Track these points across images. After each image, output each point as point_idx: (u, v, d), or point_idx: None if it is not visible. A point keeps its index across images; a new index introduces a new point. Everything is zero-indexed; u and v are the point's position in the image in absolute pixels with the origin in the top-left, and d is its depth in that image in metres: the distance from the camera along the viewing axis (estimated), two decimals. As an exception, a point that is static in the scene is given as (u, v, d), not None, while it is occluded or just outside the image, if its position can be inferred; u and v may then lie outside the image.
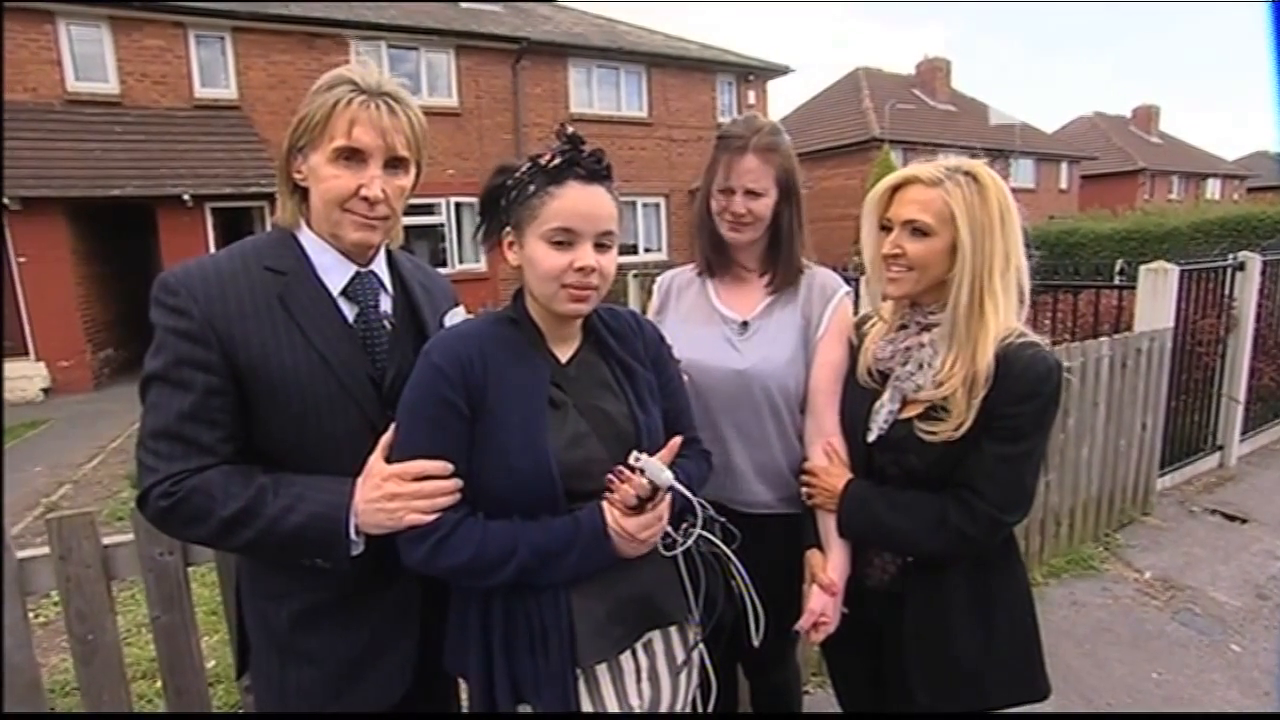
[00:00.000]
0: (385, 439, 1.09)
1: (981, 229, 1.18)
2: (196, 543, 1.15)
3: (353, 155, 1.08)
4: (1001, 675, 1.29)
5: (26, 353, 8.52)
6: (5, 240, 8.13)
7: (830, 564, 1.36)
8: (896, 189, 1.27)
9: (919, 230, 1.21)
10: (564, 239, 1.05)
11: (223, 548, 1.12)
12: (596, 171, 1.08)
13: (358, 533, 1.05)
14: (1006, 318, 1.20)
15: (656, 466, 1.03)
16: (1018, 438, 1.18)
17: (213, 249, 8.99)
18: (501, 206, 1.11)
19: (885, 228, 1.28)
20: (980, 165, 1.23)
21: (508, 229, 1.11)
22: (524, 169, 1.08)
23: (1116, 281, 4.48)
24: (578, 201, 1.06)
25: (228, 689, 2.36)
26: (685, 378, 1.40)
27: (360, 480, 1.06)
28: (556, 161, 1.06)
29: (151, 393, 1.05)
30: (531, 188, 1.07)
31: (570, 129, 1.09)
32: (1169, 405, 3.99)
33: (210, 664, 1.98)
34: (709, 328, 1.52)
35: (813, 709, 2.28)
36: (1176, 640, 2.75)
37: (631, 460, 1.03)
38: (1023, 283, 1.23)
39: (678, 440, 1.10)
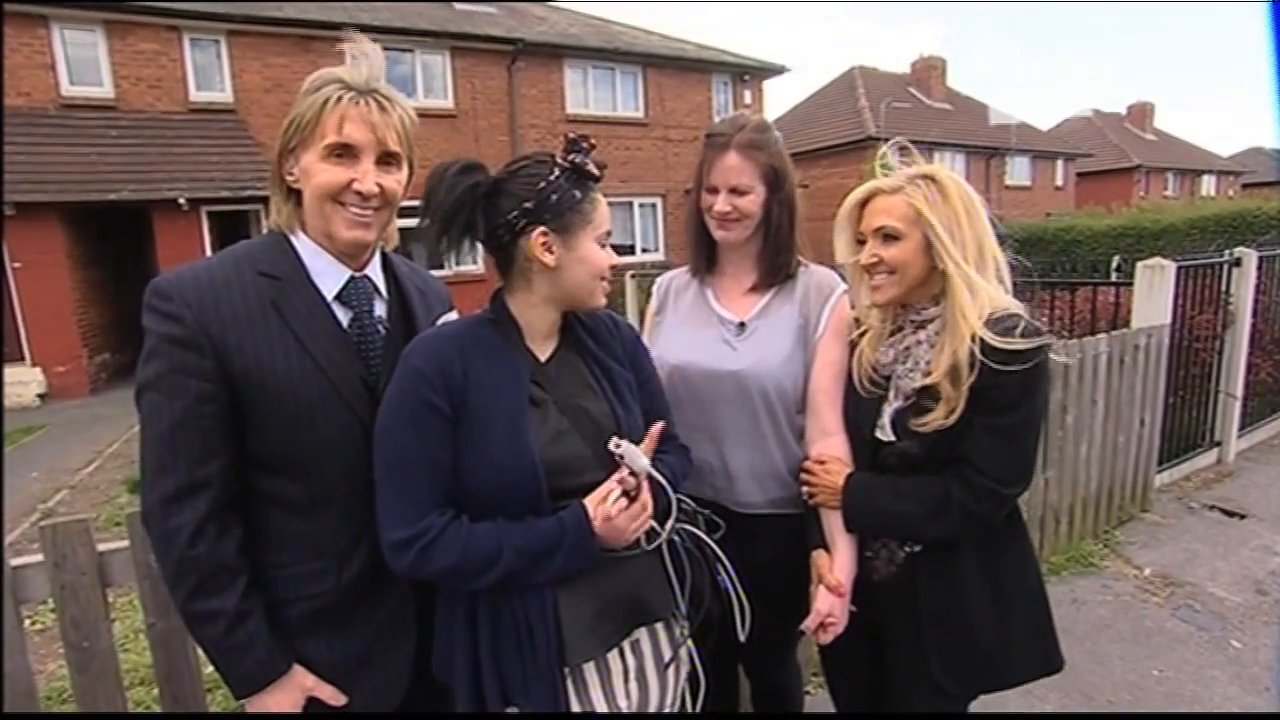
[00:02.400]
0: (312, 688, 1.13)
1: (948, 223, 1.23)
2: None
3: (345, 151, 1.08)
4: (1018, 652, 1.31)
5: (23, 358, 8.50)
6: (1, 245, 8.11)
7: (836, 564, 1.35)
8: (864, 203, 1.33)
9: (889, 235, 1.27)
10: (606, 241, 1.14)
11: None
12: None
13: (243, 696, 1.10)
14: (992, 300, 1.23)
15: (635, 452, 1.05)
16: (1007, 408, 1.20)
17: (209, 252, 8.97)
18: (526, 208, 1.07)
19: (861, 241, 1.33)
20: (938, 168, 1.29)
21: (542, 230, 1.08)
22: (558, 173, 1.09)
23: (1113, 278, 4.49)
24: (606, 206, 1.15)
25: (226, 695, 2.35)
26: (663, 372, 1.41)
27: (283, 687, 1.10)
28: (595, 171, 1.12)
29: (146, 402, 1.05)
30: (577, 193, 1.10)
31: (590, 142, 1.13)
32: (1167, 402, 3.99)
33: (208, 670, 1.97)
34: (706, 329, 1.51)
35: (814, 709, 2.28)
36: (1176, 637, 2.75)
37: (611, 446, 1.04)
38: (1002, 270, 1.28)
39: (659, 426, 1.12)
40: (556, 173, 1.09)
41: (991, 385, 1.18)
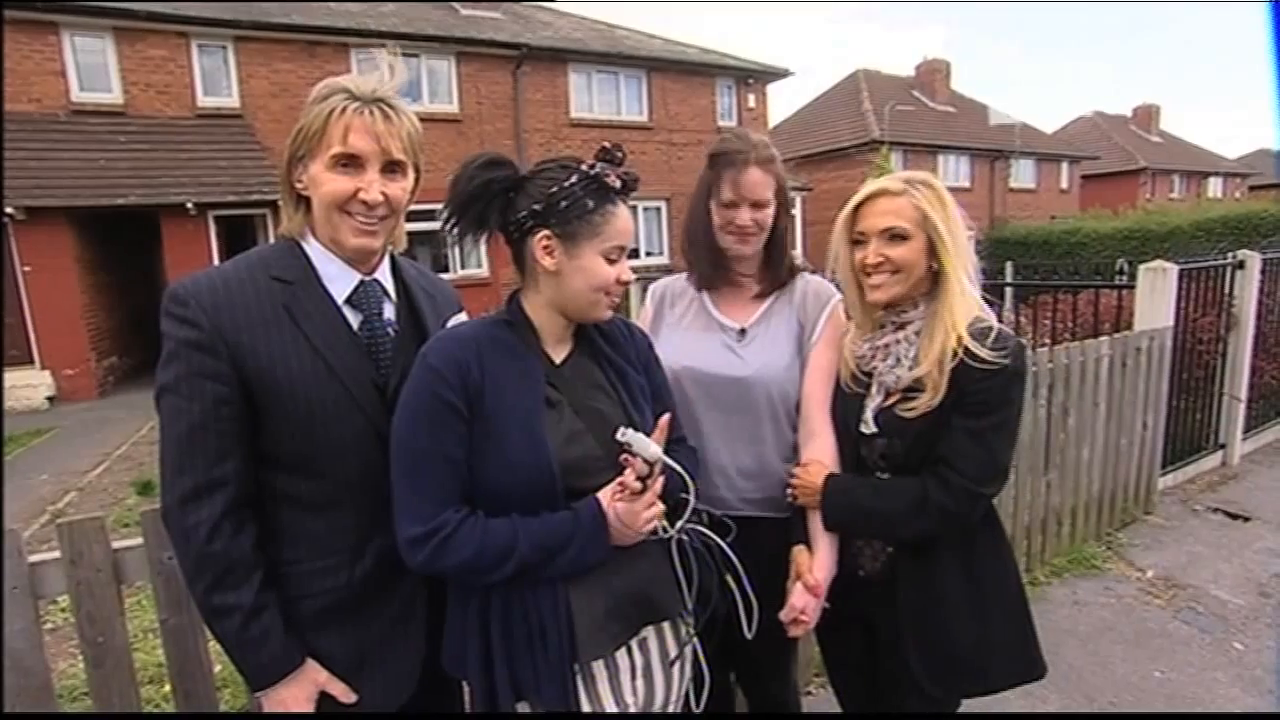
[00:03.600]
0: (325, 683, 1.16)
1: (949, 226, 1.29)
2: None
3: (350, 161, 1.11)
4: (1000, 657, 1.33)
5: (32, 361, 8.57)
6: (5, 249, 8.18)
7: (816, 563, 1.38)
8: (861, 205, 1.35)
9: (897, 236, 1.30)
10: (617, 255, 1.13)
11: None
12: (630, 191, 1.15)
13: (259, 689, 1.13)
14: (973, 306, 1.30)
15: (642, 440, 1.06)
16: (985, 412, 1.26)
17: (216, 256, 9.05)
18: (534, 210, 1.11)
19: (856, 242, 1.36)
20: (930, 175, 1.35)
21: (546, 234, 1.11)
22: (575, 180, 1.10)
23: (1116, 281, 4.49)
24: (628, 221, 1.15)
25: (234, 693, 2.38)
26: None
27: (297, 680, 1.13)
28: (619, 185, 1.11)
29: (165, 404, 1.09)
30: (590, 202, 1.10)
31: (621, 152, 1.13)
32: (1170, 404, 3.99)
33: (217, 669, 2.00)
34: (708, 335, 1.53)
35: (815, 709, 2.29)
36: (1179, 639, 2.76)
37: (618, 435, 1.06)
38: (976, 276, 1.35)
39: (667, 417, 1.13)
40: (574, 179, 1.10)
41: (974, 390, 1.24)
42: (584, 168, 1.12)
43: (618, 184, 1.12)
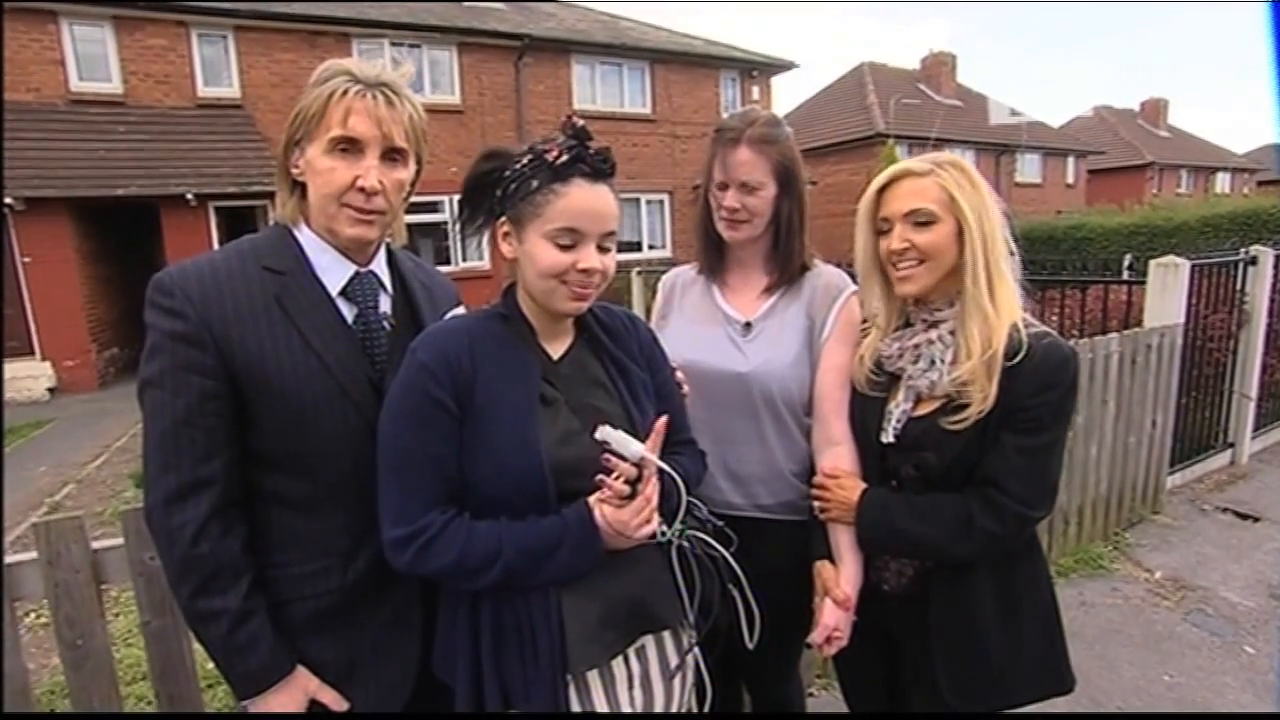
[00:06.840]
0: (315, 690, 1.11)
1: (979, 210, 1.19)
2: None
3: (349, 146, 1.06)
4: (1029, 671, 1.27)
5: (32, 352, 8.57)
6: (6, 241, 8.16)
7: (844, 577, 1.32)
8: (885, 188, 1.25)
9: (923, 220, 1.20)
10: (569, 240, 1.03)
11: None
12: (602, 170, 1.06)
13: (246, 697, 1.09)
14: (1015, 302, 1.21)
15: (623, 438, 1.01)
16: (1040, 429, 1.17)
17: (216, 247, 9.00)
18: (497, 197, 1.08)
19: (881, 231, 1.26)
20: (960, 158, 1.25)
21: (503, 220, 1.08)
22: (525, 161, 1.05)
23: (1125, 277, 4.43)
24: (584, 201, 1.03)
25: (228, 691, 2.34)
26: (680, 377, 1.37)
27: (286, 688, 1.08)
28: (564, 159, 1.02)
29: (149, 399, 1.04)
30: (534, 182, 1.03)
31: (580, 122, 1.06)
32: (1179, 402, 3.94)
33: (210, 665, 1.96)
34: (712, 328, 1.48)
35: (817, 710, 2.25)
36: (1188, 641, 2.71)
37: (597, 434, 1.01)
38: (1017, 272, 1.25)
39: (663, 420, 1.07)
40: (526, 159, 1.05)
41: (1027, 405, 1.15)
42: (539, 146, 1.05)
43: (564, 158, 1.02)
